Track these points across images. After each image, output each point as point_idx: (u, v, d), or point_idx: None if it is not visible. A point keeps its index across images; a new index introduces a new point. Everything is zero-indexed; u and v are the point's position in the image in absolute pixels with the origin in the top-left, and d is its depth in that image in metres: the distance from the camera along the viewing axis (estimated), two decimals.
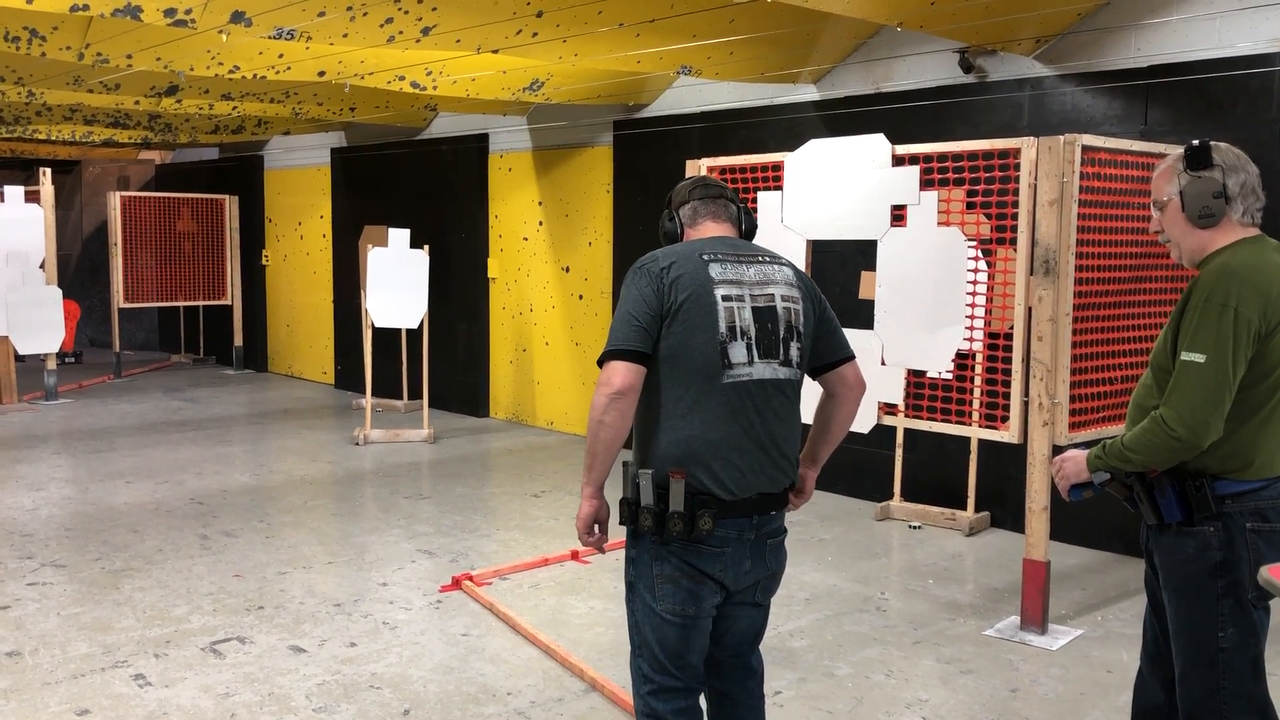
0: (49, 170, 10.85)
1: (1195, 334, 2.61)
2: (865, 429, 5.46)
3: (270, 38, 5.70)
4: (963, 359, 5.39)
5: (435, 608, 5.05)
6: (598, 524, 2.84)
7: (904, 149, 5.23)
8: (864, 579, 5.54)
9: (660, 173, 8.16)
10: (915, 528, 6.48)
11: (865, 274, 6.42)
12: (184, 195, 13.14)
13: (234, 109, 9.58)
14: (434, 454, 8.52)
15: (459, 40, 5.98)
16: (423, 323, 8.88)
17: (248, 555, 5.82)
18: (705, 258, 2.76)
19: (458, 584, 5.32)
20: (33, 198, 10.57)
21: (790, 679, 4.24)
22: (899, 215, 5.27)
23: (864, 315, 5.60)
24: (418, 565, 5.68)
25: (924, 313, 5.19)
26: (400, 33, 5.76)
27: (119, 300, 12.47)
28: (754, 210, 3.14)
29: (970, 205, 5.34)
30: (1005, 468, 6.24)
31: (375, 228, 9.38)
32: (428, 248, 8.93)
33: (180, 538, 6.13)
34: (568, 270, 9.27)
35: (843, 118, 7.07)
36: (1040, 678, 4.33)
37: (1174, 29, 5.72)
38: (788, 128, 7.40)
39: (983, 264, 5.33)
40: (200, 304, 13.35)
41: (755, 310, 2.74)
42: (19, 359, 11.15)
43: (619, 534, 2.96)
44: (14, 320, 10.19)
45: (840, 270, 6.86)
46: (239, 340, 13.19)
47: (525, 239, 9.65)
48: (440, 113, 10.20)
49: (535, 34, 5.91)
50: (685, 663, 2.80)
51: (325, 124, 11.24)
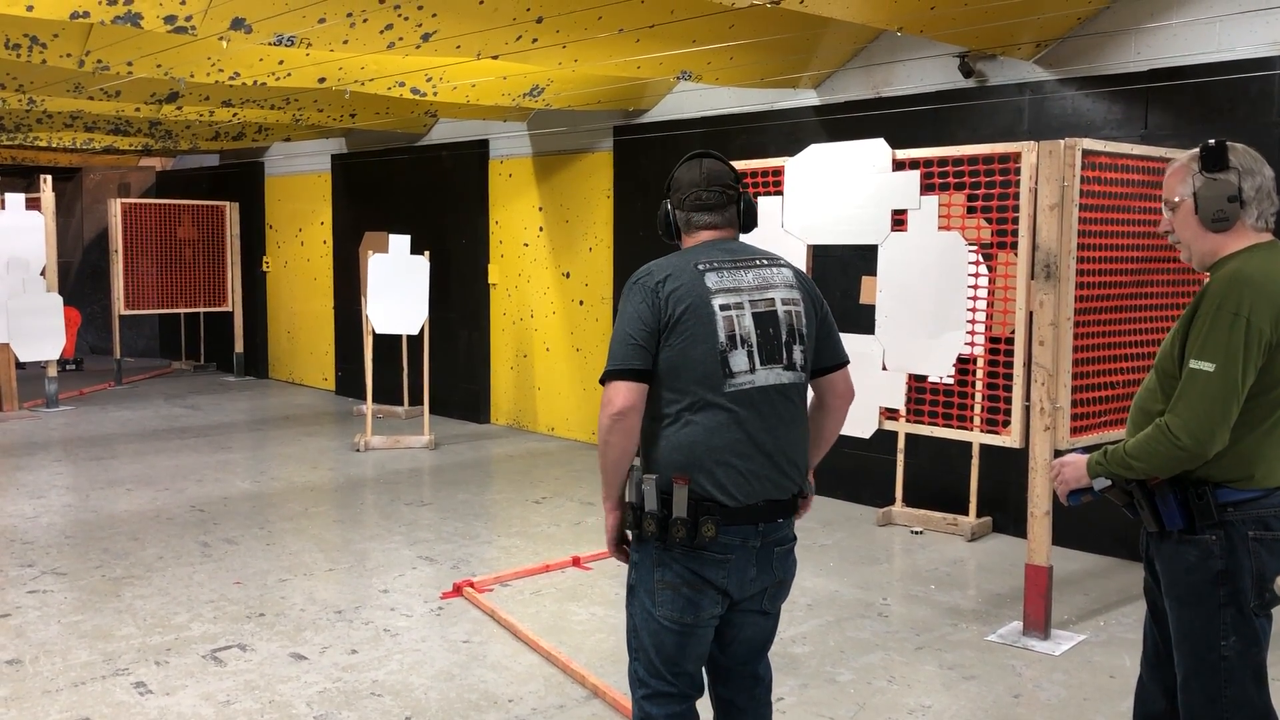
0: (50, 177, 10.86)
1: (1205, 342, 2.56)
2: (866, 434, 5.45)
3: (270, 44, 5.70)
4: (964, 364, 5.38)
5: (436, 614, 5.04)
6: (623, 533, 2.85)
7: (904, 154, 5.23)
8: (866, 584, 5.53)
9: (660, 178, 8.09)
10: (917, 533, 6.47)
11: (866, 279, 6.41)
12: (185, 202, 13.15)
13: (234, 115, 9.59)
14: (435, 460, 8.51)
15: (459, 46, 5.99)
16: (423, 329, 8.87)
17: (248, 562, 5.81)
18: (700, 268, 2.74)
19: (459, 590, 5.31)
20: (34, 205, 10.58)
21: (792, 685, 4.23)
22: (900, 220, 5.27)
23: (865, 320, 5.59)
24: (419, 572, 5.67)
25: (925, 317, 5.18)
26: (400, 39, 5.76)
27: (120, 307, 12.47)
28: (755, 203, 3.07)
29: (971, 210, 5.34)
30: (1007, 472, 6.23)
31: (376, 234, 9.37)
32: (428, 254, 8.93)
33: (181, 545, 6.12)
34: (568, 276, 9.27)
35: (843, 122, 7.07)
36: (1043, 683, 4.32)
37: (1174, 33, 5.72)
38: (788, 133, 7.40)
39: (983, 268, 5.33)
40: (201, 311, 13.35)
41: (756, 316, 2.73)
42: (20, 366, 11.16)
43: None
44: (15, 327, 10.19)
45: (841, 275, 6.86)
46: (240, 347, 13.19)
47: (526, 245, 9.64)
48: (440, 119, 10.21)
49: (535, 40, 5.91)
50: (681, 670, 2.79)
51: (326, 130, 11.25)
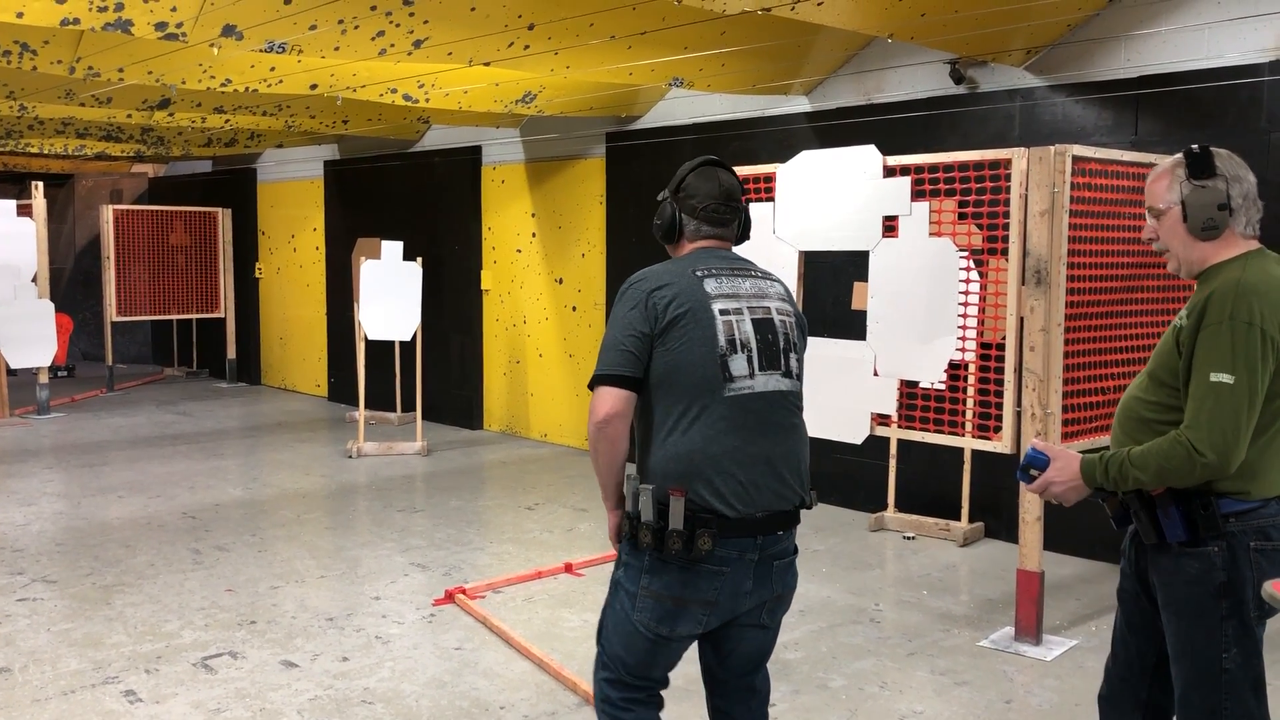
0: (41, 184, 10.84)
1: (1222, 354, 2.49)
2: (858, 440, 5.45)
3: (262, 51, 5.70)
4: (955, 369, 5.39)
5: (428, 621, 5.03)
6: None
7: (895, 160, 5.24)
8: (858, 590, 5.53)
9: (653, 184, 8.14)
10: (909, 538, 6.47)
11: (858, 285, 6.43)
12: (177, 208, 13.13)
13: (226, 122, 9.58)
14: (427, 467, 8.50)
15: (450, 53, 5.99)
16: (416, 335, 8.87)
17: (240, 570, 5.80)
18: (699, 274, 2.72)
19: (451, 597, 5.30)
20: (25, 211, 10.56)
21: (784, 691, 4.23)
22: (891, 226, 5.28)
23: (857, 326, 5.60)
24: (411, 579, 5.66)
25: (916, 323, 5.19)
26: (392, 45, 5.76)
27: (112, 314, 12.45)
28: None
29: (962, 216, 5.35)
30: (999, 478, 6.24)
31: (368, 240, 9.37)
32: (421, 260, 8.92)
33: (172, 552, 6.10)
34: (561, 282, 9.27)
35: (834, 129, 7.08)
36: (1035, 688, 4.32)
37: (1164, 39, 5.74)
38: (779, 139, 7.41)
39: (975, 274, 5.34)
40: (193, 317, 13.32)
41: (755, 322, 2.71)
42: (11, 373, 11.13)
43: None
44: (6, 334, 10.17)
45: (833, 281, 6.87)
46: (232, 353, 13.16)
47: (518, 251, 9.65)
48: (433, 125, 10.21)
49: (527, 47, 5.91)
50: (646, 676, 2.78)
51: (318, 137, 11.24)
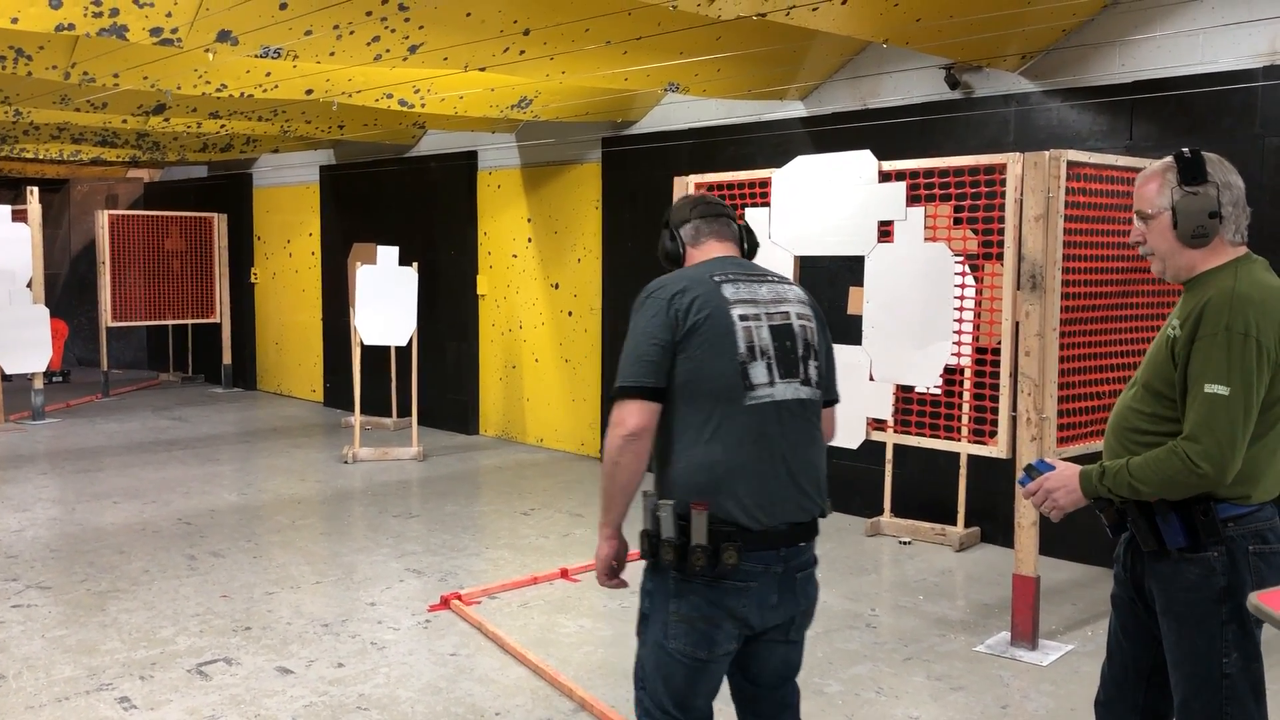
0: (36, 189, 10.82)
1: (1218, 365, 2.50)
2: (854, 444, 5.45)
3: (257, 56, 5.70)
4: (951, 374, 5.39)
5: (424, 627, 5.02)
6: (617, 562, 2.74)
7: (891, 165, 5.25)
8: (854, 595, 5.52)
9: (649, 189, 8.17)
10: (905, 543, 6.47)
11: (853, 289, 6.43)
12: (172, 213, 13.12)
13: (222, 127, 9.57)
14: (423, 472, 8.49)
15: (446, 58, 5.99)
16: (412, 340, 8.86)
17: (235, 575, 5.78)
18: (717, 279, 2.67)
19: (446, 603, 5.29)
20: (20, 216, 10.54)
21: None
22: (886, 231, 5.28)
23: (852, 331, 5.60)
24: (406, 584, 5.65)
25: (912, 328, 5.19)
26: (387, 51, 5.77)
27: (107, 319, 12.43)
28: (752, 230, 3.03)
29: (957, 221, 5.35)
30: (995, 483, 6.24)
31: (364, 245, 9.36)
32: (416, 265, 8.92)
33: (167, 558, 6.09)
34: (557, 287, 9.27)
35: (830, 134, 7.09)
36: (1031, 693, 4.32)
37: (1158, 45, 5.76)
38: (775, 144, 7.42)
39: (970, 279, 5.35)
40: (189, 322, 13.31)
41: (773, 329, 2.66)
42: (6, 378, 11.11)
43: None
44: (1, 339, 10.14)
45: (828, 286, 6.87)
46: (227, 358, 13.14)
47: (514, 256, 9.64)
48: (429, 130, 10.21)
49: (523, 52, 5.92)
50: (690, 705, 2.67)
51: (314, 142, 11.24)
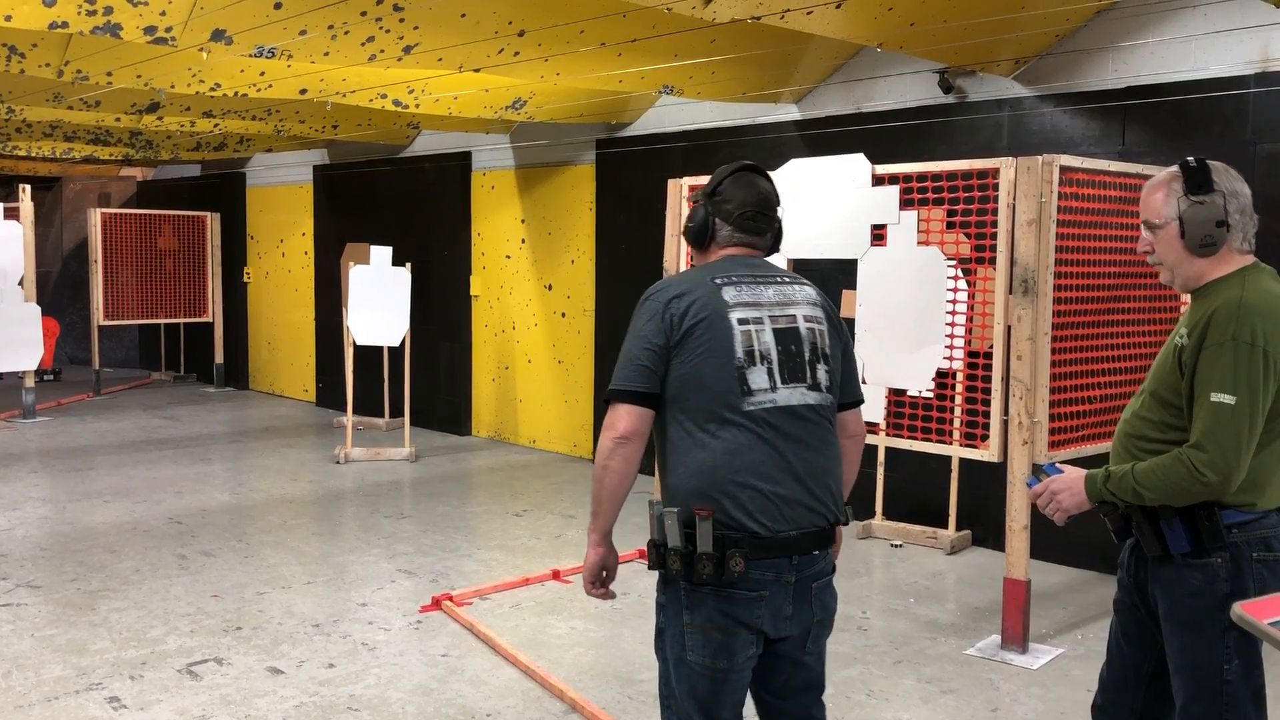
0: (29, 187, 10.79)
1: (1224, 374, 2.50)
2: None
3: (251, 56, 5.69)
4: (943, 378, 5.41)
5: (415, 628, 5.02)
6: (606, 571, 2.68)
7: (884, 169, 5.26)
8: (845, 598, 5.50)
9: (642, 191, 8.18)
10: (897, 546, 6.48)
11: (846, 293, 6.44)
12: (165, 212, 13.09)
13: (215, 126, 9.56)
14: (415, 472, 8.48)
15: (441, 59, 5.99)
16: (405, 340, 8.85)
17: (226, 575, 5.77)
18: (718, 282, 2.61)
19: (438, 604, 5.29)
20: (12, 214, 10.51)
21: None
22: (879, 235, 5.29)
23: None
24: (397, 585, 5.65)
25: (904, 331, 5.21)
26: (381, 51, 5.76)
27: (99, 317, 12.40)
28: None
29: (950, 225, 5.37)
30: (986, 486, 6.25)
31: (357, 245, 9.36)
32: (410, 265, 8.91)
33: (158, 558, 6.08)
34: (550, 288, 9.27)
35: (823, 137, 7.10)
36: (1021, 697, 4.33)
37: (1150, 51, 5.78)
38: (769, 147, 7.43)
39: (962, 283, 5.36)
40: (181, 321, 13.28)
41: (776, 332, 2.59)
42: None
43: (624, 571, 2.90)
44: None
45: (821, 289, 6.87)
46: (220, 358, 13.12)
47: (508, 257, 9.64)
48: (423, 131, 10.20)
49: (517, 53, 5.92)
50: (717, 718, 2.61)
51: (307, 141, 11.22)
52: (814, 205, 5.46)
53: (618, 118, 8.45)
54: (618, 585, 2.79)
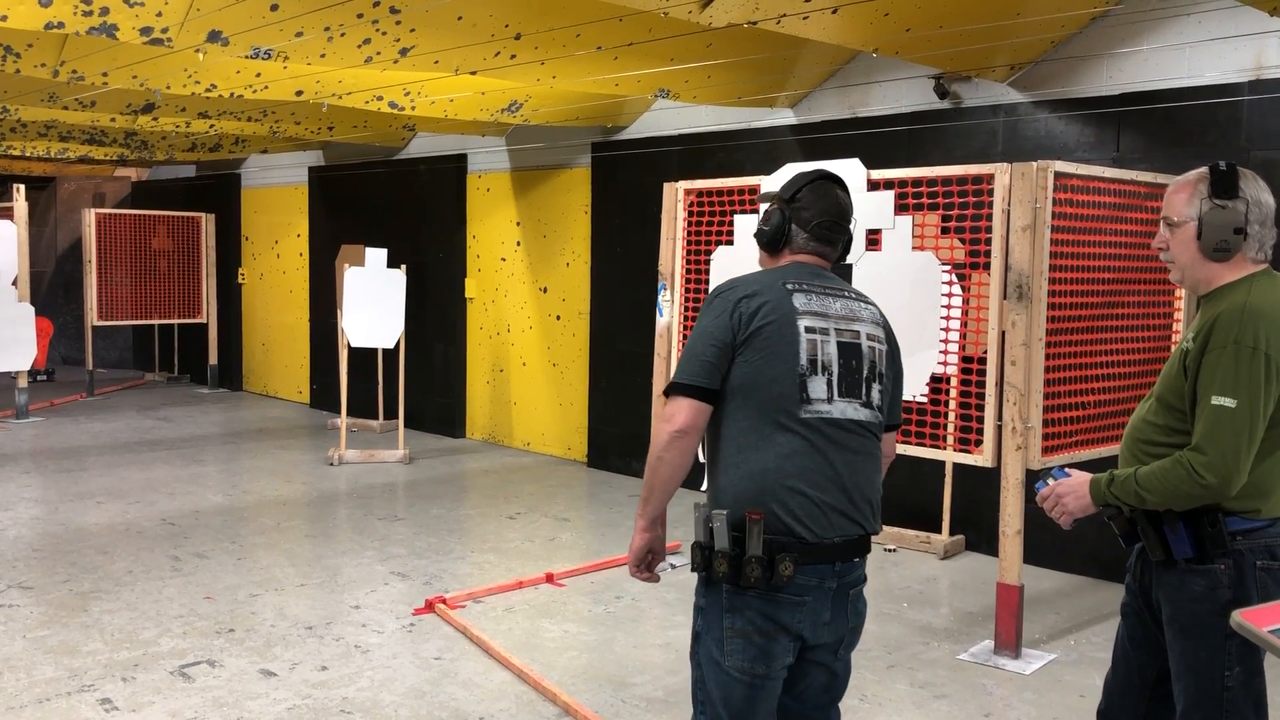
0: (23, 186, 10.77)
1: (1225, 377, 2.52)
2: None
3: (247, 57, 5.69)
4: (937, 382, 5.41)
5: (408, 631, 5.01)
6: (651, 555, 2.69)
7: (879, 173, 5.27)
8: None
9: (638, 194, 8.18)
10: (890, 550, 6.48)
11: None
12: (160, 213, 13.07)
13: (211, 127, 9.55)
14: (409, 475, 8.47)
15: (437, 61, 5.99)
16: (399, 342, 8.85)
17: (219, 577, 5.76)
18: (789, 287, 2.62)
19: (431, 607, 5.28)
20: (6, 214, 10.50)
21: None
22: (874, 239, 5.30)
23: None
24: (391, 588, 5.64)
25: (899, 336, 5.20)
26: (378, 54, 5.76)
27: (93, 318, 12.37)
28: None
29: (945, 230, 5.37)
30: (980, 491, 6.26)
31: (352, 247, 9.34)
32: (405, 267, 8.91)
33: (151, 559, 6.06)
34: (545, 291, 9.27)
35: (819, 142, 7.11)
36: (1013, 702, 4.34)
37: (1145, 58, 5.80)
38: (765, 151, 7.44)
39: (957, 288, 5.37)
40: (175, 322, 13.25)
41: (840, 345, 2.60)
42: None
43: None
44: None
45: None
46: (214, 359, 13.10)
47: (503, 259, 9.64)
48: (418, 133, 10.20)
49: (513, 56, 5.92)
50: None
51: (303, 143, 11.22)
52: None
53: (613, 121, 8.46)
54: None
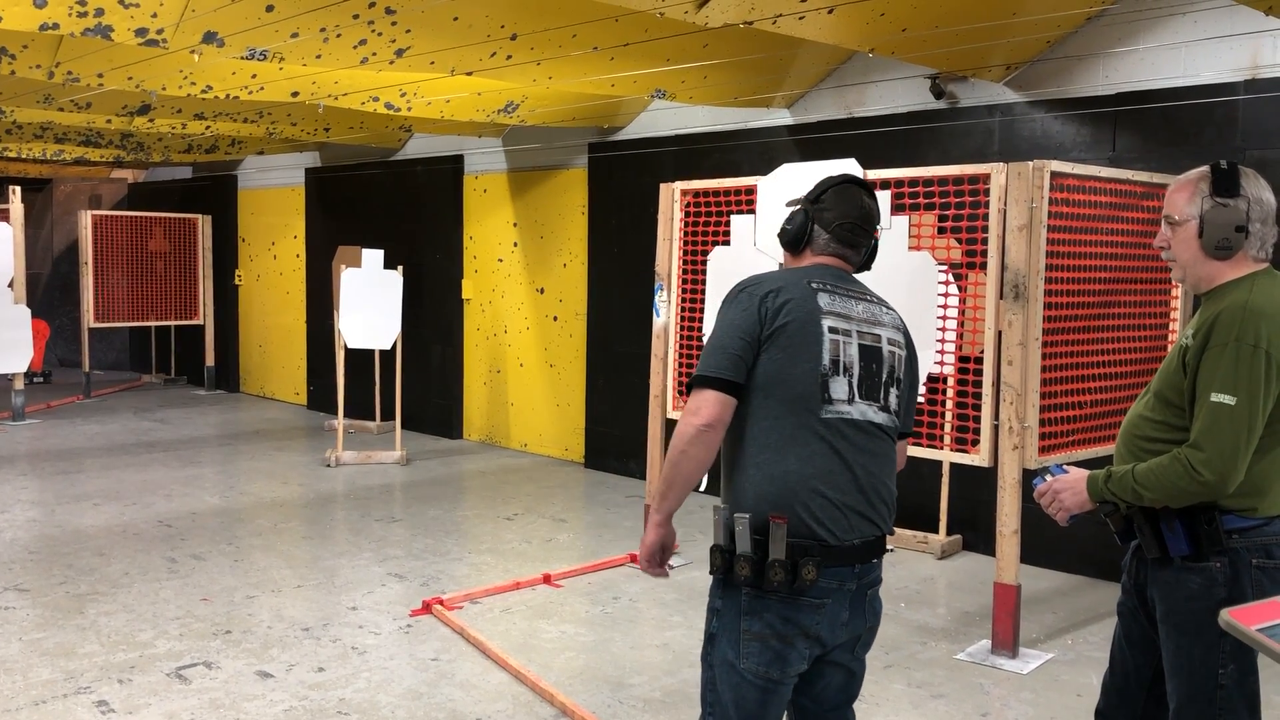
0: (19, 188, 10.76)
1: (1225, 375, 2.52)
2: None
3: (243, 58, 5.68)
4: (934, 382, 5.41)
5: (405, 632, 5.01)
6: (664, 550, 2.68)
7: (875, 173, 5.27)
8: None
9: (635, 195, 8.18)
10: (887, 550, 6.47)
11: None
12: (156, 214, 13.06)
13: (207, 128, 9.54)
14: (406, 476, 8.46)
15: (433, 62, 5.98)
16: (396, 344, 8.84)
17: (216, 579, 5.75)
18: (814, 286, 2.61)
19: (428, 608, 5.28)
20: (2, 216, 10.49)
21: None
22: None
23: None
24: (388, 589, 5.64)
25: None
26: (374, 54, 5.76)
27: (89, 320, 12.36)
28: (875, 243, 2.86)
29: (941, 230, 5.37)
30: (977, 491, 6.26)
31: (349, 248, 9.34)
32: (402, 268, 8.90)
33: (147, 561, 6.05)
34: (542, 292, 9.27)
35: (815, 142, 7.11)
36: (1011, 702, 4.34)
37: (1140, 58, 5.80)
38: (761, 151, 7.44)
39: (953, 288, 5.37)
40: (172, 324, 13.24)
41: (862, 348, 2.60)
42: None
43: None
44: None
45: None
46: (211, 360, 13.08)
47: (500, 260, 9.64)
48: (415, 134, 10.20)
49: (510, 57, 5.92)
50: None
51: (299, 144, 11.21)
52: None
53: (610, 121, 8.46)
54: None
